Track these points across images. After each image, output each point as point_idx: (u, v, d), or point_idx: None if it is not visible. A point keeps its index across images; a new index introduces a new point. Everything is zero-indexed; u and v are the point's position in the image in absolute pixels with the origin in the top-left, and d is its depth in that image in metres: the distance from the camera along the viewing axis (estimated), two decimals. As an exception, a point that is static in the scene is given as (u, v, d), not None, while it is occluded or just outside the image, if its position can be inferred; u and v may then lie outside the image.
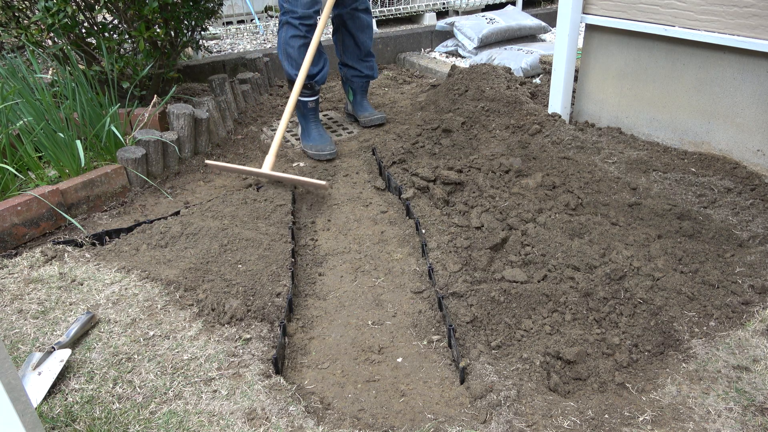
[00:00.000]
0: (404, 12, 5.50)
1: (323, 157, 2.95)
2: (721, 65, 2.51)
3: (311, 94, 2.96)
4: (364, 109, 3.42)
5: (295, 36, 2.82)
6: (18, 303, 1.89)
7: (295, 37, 2.82)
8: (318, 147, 2.96)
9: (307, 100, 2.97)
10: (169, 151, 2.81)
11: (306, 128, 3.06)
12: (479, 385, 1.55)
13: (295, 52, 2.84)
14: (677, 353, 1.63)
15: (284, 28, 2.85)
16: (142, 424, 1.45)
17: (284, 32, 2.85)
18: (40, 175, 2.54)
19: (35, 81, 2.71)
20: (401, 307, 1.92)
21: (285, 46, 2.87)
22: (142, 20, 2.99)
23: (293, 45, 2.83)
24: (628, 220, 2.17)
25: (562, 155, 2.62)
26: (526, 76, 3.90)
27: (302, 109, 3.01)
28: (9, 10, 3.02)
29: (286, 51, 2.88)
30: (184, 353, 1.67)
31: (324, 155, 2.94)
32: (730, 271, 1.90)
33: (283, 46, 2.88)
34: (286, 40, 2.85)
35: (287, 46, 2.86)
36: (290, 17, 2.79)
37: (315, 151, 2.96)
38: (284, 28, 2.85)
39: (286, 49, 2.87)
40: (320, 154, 2.95)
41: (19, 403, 0.98)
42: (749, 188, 2.36)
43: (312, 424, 1.45)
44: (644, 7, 2.67)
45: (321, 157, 2.95)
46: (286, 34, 2.84)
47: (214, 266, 2.04)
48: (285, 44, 2.86)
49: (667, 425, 1.42)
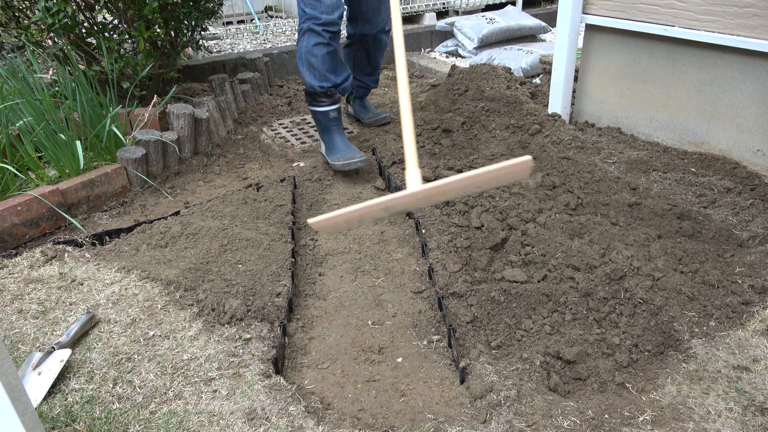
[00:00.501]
0: (404, 12, 5.50)
1: (354, 166, 2.69)
2: (721, 65, 2.51)
3: (332, 102, 2.73)
4: (367, 110, 3.42)
5: (318, 44, 2.56)
6: (18, 303, 1.89)
7: (319, 45, 2.56)
8: (347, 156, 2.70)
9: (329, 109, 2.73)
10: (169, 151, 2.81)
11: (330, 141, 2.80)
12: (479, 385, 1.55)
13: (318, 62, 2.59)
14: (677, 353, 1.63)
15: (305, 36, 2.58)
16: (142, 424, 1.45)
17: (305, 41, 2.59)
18: (40, 175, 2.54)
19: (35, 81, 2.71)
20: (401, 307, 1.92)
21: (307, 56, 2.60)
22: (142, 20, 2.99)
23: (317, 54, 2.57)
24: (628, 220, 2.17)
25: (562, 155, 2.62)
26: (526, 76, 3.90)
27: (323, 120, 2.77)
28: (9, 10, 3.02)
29: (308, 61, 2.61)
30: (184, 353, 1.67)
31: (355, 163, 2.68)
32: (730, 271, 1.90)
33: (304, 55, 2.61)
34: (308, 49, 2.58)
35: (309, 55, 2.59)
36: (313, 24, 2.53)
37: (345, 161, 2.69)
38: (305, 36, 2.58)
39: (308, 59, 2.60)
40: (351, 163, 2.68)
41: (19, 403, 0.98)
42: (749, 188, 2.36)
43: (312, 424, 1.45)
44: (644, 7, 2.67)
45: (352, 167, 2.69)
46: (307, 43, 2.58)
47: (214, 266, 2.04)
48: (307, 54, 2.59)
49: (667, 425, 1.42)
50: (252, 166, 2.99)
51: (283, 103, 3.83)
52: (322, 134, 2.84)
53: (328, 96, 2.71)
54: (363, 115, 3.40)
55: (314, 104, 2.74)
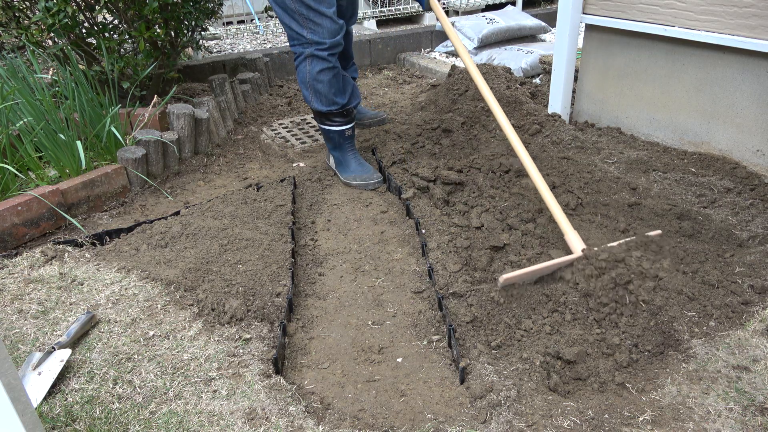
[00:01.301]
0: (404, 12, 5.50)
1: (371, 187, 2.69)
2: (720, 65, 2.51)
3: (347, 121, 2.65)
4: (362, 112, 3.39)
5: (324, 69, 2.47)
6: (18, 303, 1.89)
7: (325, 70, 2.47)
8: (363, 177, 2.69)
9: (344, 128, 2.66)
10: (169, 151, 2.81)
11: (343, 160, 2.74)
12: (479, 385, 1.55)
13: (325, 87, 2.51)
14: (677, 353, 1.63)
15: (307, 62, 2.47)
16: (142, 424, 1.45)
17: (308, 66, 2.48)
18: (41, 175, 2.54)
19: (35, 81, 2.71)
20: (401, 307, 1.92)
21: (312, 83, 2.51)
22: (142, 20, 2.99)
23: (323, 80, 2.49)
24: (628, 220, 2.17)
25: (562, 155, 2.62)
26: (526, 76, 3.90)
27: (338, 139, 2.69)
28: (9, 10, 3.02)
29: (314, 88, 2.53)
30: (184, 353, 1.67)
31: (372, 184, 2.69)
32: (730, 271, 1.90)
33: (310, 82, 2.52)
34: (313, 76, 2.49)
35: (315, 82, 2.50)
36: (316, 49, 2.42)
37: (361, 182, 2.69)
38: (307, 62, 2.47)
39: (314, 86, 2.52)
40: (368, 184, 2.69)
41: (19, 403, 0.98)
42: (749, 188, 2.36)
43: (312, 424, 1.45)
44: (644, 7, 2.67)
45: (369, 187, 2.69)
46: (311, 69, 2.47)
47: (214, 266, 2.04)
48: (312, 81, 2.50)
49: (667, 425, 1.42)
50: (252, 166, 2.99)
51: (283, 103, 3.83)
52: (333, 150, 2.77)
53: (344, 116, 2.64)
54: (360, 117, 3.36)
55: (327, 123, 2.65)
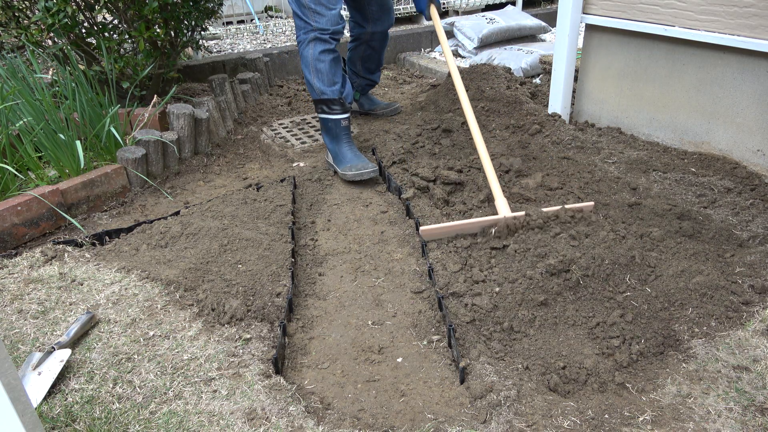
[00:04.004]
0: (404, 12, 5.50)
1: (367, 176, 2.70)
2: (721, 65, 2.51)
3: (344, 110, 2.74)
4: (374, 102, 3.58)
5: (325, 51, 2.64)
6: (18, 303, 1.89)
7: (326, 51, 2.64)
8: (358, 166, 2.70)
9: (340, 117, 2.74)
10: (169, 151, 2.81)
11: (339, 150, 2.79)
12: (479, 385, 1.55)
13: (326, 67, 2.66)
14: (677, 353, 1.63)
15: (312, 45, 2.65)
16: (142, 424, 1.45)
17: (312, 48, 2.65)
18: (40, 175, 2.54)
19: (35, 81, 2.71)
20: (401, 307, 1.92)
21: (315, 63, 2.66)
22: (142, 20, 2.99)
23: (324, 60, 2.65)
24: (628, 220, 2.17)
25: (562, 155, 2.62)
26: (526, 76, 3.90)
27: (334, 129, 2.77)
28: (9, 10, 3.01)
29: (316, 67, 2.67)
30: (184, 353, 1.67)
31: (368, 173, 2.69)
32: (730, 271, 1.90)
33: (312, 62, 2.67)
34: (315, 56, 2.65)
35: (317, 62, 2.66)
36: (319, 33, 2.63)
37: (356, 171, 2.69)
38: (312, 45, 2.65)
39: (315, 65, 2.66)
40: (363, 173, 2.69)
41: (19, 403, 0.98)
42: (749, 188, 2.36)
43: (312, 424, 1.45)
44: (644, 7, 2.67)
45: (364, 177, 2.70)
46: (314, 50, 2.65)
47: (214, 266, 2.04)
48: (315, 60, 2.66)
49: (667, 425, 1.42)
50: (252, 166, 2.99)
51: (283, 103, 3.83)
52: (330, 143, 2.82)
53: (341, 104, 2.73)
54: (373, 107, 3.56)
55: (327, 112, 2.74)
